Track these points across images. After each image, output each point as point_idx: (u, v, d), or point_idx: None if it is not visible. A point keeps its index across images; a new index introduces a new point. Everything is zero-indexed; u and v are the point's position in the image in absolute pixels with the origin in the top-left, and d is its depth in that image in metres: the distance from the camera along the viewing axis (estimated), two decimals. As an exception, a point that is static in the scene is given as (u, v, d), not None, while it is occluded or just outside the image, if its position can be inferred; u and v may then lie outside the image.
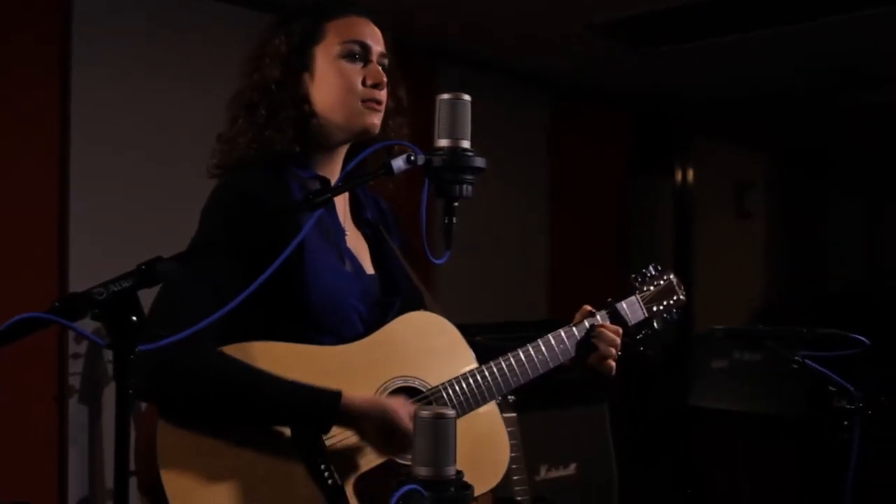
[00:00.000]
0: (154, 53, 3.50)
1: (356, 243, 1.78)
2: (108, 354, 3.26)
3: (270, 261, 1.25)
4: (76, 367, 3.15)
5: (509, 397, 3.11)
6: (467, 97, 1.47)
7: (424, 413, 1.25)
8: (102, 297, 1.11)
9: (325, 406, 1.53)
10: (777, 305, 5.99)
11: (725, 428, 4.22)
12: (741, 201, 6.18)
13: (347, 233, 1.77)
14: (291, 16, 1.77)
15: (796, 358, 1.75)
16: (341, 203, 1.79)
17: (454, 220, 1.48)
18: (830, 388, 1.89)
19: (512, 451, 3.03)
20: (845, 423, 1.86)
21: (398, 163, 1.41)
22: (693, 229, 5.92)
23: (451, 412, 1.25)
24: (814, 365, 1.80)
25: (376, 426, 1.56)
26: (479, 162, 1.46)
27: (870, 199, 5.94)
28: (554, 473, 3.78)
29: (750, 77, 5.18)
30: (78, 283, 3.27)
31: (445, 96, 1.46)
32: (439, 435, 1.24)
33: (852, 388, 1.80)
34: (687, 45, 4.45)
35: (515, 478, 2.93)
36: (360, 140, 1.75)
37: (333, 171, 1.76)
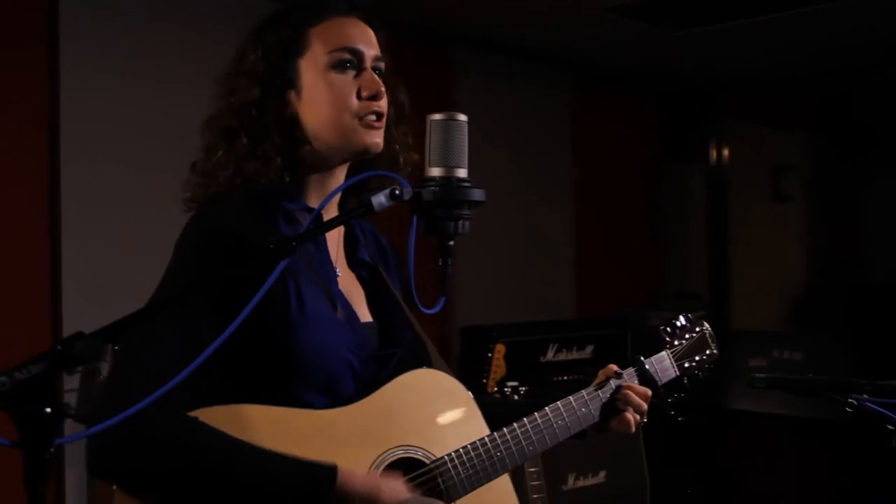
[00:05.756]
0: (147, 50, 3.33)
1: (350, 287, 1.54)
2: (105, 370, 3.15)
3: (255, 310, 1.05)
4: (72, 383, 2.98)
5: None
6: (463, 117, 1.24)
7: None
8: (5, 388, 0.91)
9: (318, 486, 1.29)
10: (816, 294, 5.75)
11: (765, 432, 4.02)
12: (778, 184, 5.97)
13: (340, 274, 1.52)
14: (269, 24, 1.51)
15: (850, 400, 1.52)
16: (334, 240, 1.54)
17: (450, 262, 1.25)
18: (888, 426, 1.66)
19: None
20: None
21: (379, 199, 1.18)
22: (728, 214, 5.65)
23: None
24: (872, 405, 1.57)
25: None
26: (478, 195, 1.23)
27: (916, 181, 5.67)
28: (582, 482, 3.64)
29: (786, 54, 4.92)
30: (71, 295, 3.13)
31: (437, 117, 1.23)
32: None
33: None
34: (718, 26, 4.19)
35: (535, 496, 2.76)
36: (361, 160, 1.51)
37: (330, 200, 1.51)
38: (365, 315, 1.53)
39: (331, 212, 1.54)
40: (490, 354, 3.58)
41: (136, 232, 3.19)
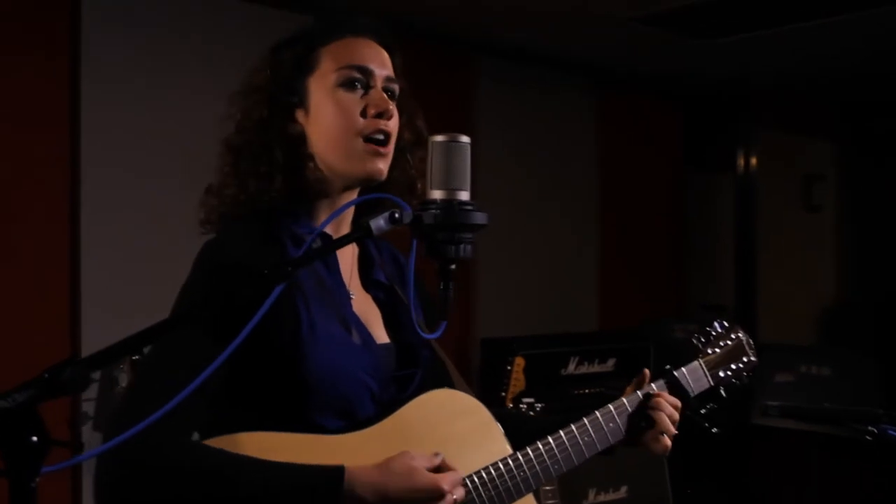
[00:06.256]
0: (170, 61, 3.34)
1: (365, 308, 1.51)
2: (123, 380, 3.16)
3: (260, 336, 1.06)
4: (90, 392, 3.00)
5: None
6: (465, 139, 1.22)
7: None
8: (-12, 416, 0.89)
9: (325, 486, 1.27)
10: (846, 308, 5.64)
11: (791, 447, 3.94)
12: (809, 194, 5.88)
13: (354, 296, 1.50)
14: (283, 44, 1.51)
15: (870, 428, 1.47)
16: (347, 262, 1.52)
17: (451, 286, 1.23)
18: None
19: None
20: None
21: (378, 222, 1.16)
22: (757, 224, 5.55)
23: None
24: (893, 433, 1.51)
25: (394, 495, 1.30)
26: (480, 218, 1.20)
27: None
28: (603, 497, 3.60)
29: (816, 61, 4.84)
30: (90, 303, 3.14)
31: (439, 138, 1.21)
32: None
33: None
34: (745, 35, 4.14)
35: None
36: (367, 186, 1.49)
37: (340, 221, 1.50)
38: (382, 336, 1.51)
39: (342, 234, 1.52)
40: (509, 367, 3.54)
41: (156, 241, 3.21)
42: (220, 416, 1.32)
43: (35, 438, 0.93)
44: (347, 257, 1.53)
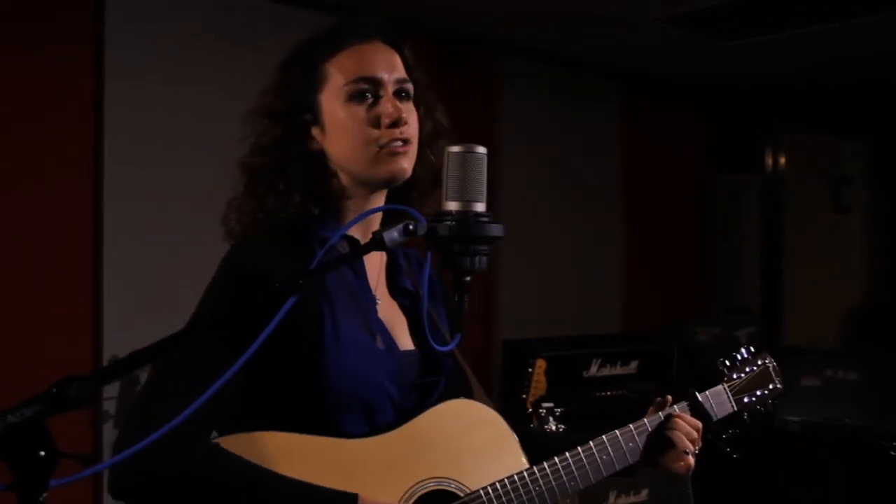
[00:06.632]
0: (192, 55, 3.34)
1: (391, 314, 1.50)
2: (143, 378, 3.17)
3: (279, 342, 1.06)
4: (111, 391, 3.02)
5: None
6: (482, 149, 1.20)
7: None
8: (-5, 431, 0.89)
9: None
10: (874, 312, 5.54)
11: (816, 452, 3.88)
12: (838, 195, 5.77)
13: (380, 301, 1.49)
14: (289, 60, 1.50)
15: (894, 444, 1.43)
16: (375, 268, 1.52)
17: (466, 298, 1.21)
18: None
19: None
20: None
21: (391, 234, 1.15)
22: (784, 226, 5.48)
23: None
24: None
25: None
26: (496, 230, 1.19)
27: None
28: (624, 500, 3.56)
29: (844, 61, 4.76)
30: (113, 304, 3.15)
31: (455, 149, 1.20)
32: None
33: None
34: (772, 36, 4.08)
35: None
36: (395, 185, 1.49)
37: (368, 224, 1.49)
38: (406, 343, 1.50)
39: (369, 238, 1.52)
40: (530, 370, 3.52)
41: (179, 241, 3.21)
42: (240, 417, 1.32)
43: (43, 453, 0.93)
44: (375, 263, 1.52)
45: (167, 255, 3.23)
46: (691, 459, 1.54)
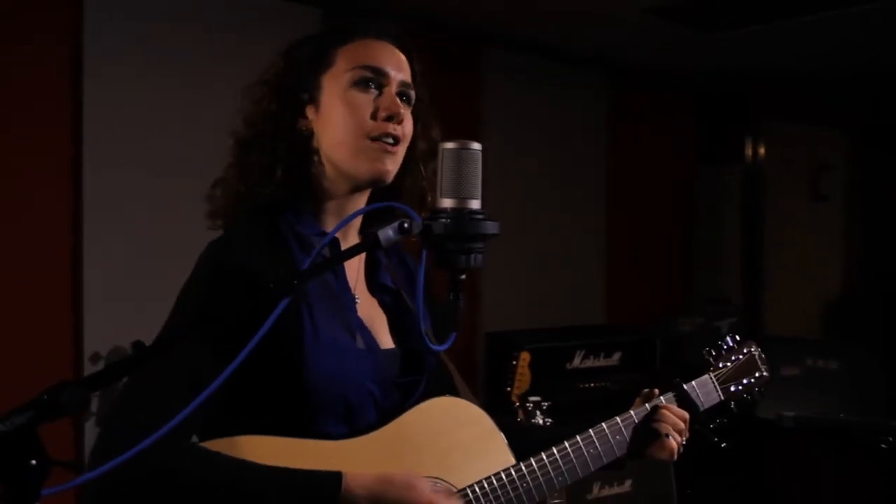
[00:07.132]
0: (172, 53, 3.29)
1: (371, 313, 1.49)
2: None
3: (261, 345, 1.01)
4: (93, 388, 2.97)
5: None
6: (477, 146, 1.18)
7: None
8: (-15, 440, 0.87)
9: (323, 491, 1.25)
10: (853, 302, 5.59)
11: (808, 446, 3.90)
12: (817, 183, 5.83)
13: (359, 300, 1.47)
14: (299, 43, 1.49)
15: (890, 439, 1.44)
16: (354, 265, 1.49)
17: (461, 296, 1.20)
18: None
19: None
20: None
21: (387, 233, 1.13)
22: (764, 213, 5.51)
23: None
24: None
25: None
26: (491, 228, 1.18)
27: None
28: (607, 491, 3.58)
29: (826, 54, 4.79)
30: (92, 302, 3.11)
31: (449, 145, 1.18)
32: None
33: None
34: (755, 27, 4.09)
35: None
36: (375, 188, 1.47)
37: (347, 226, 1.47)
38: (387, 342, 1.48)
39: (350, 240, 1.50)
40: (514, 363, 3.51)
41: (160, 237, 3.17)
42: (221, 421, 1.30)
43: (34, 462, 0.91)
44: (354, 260, 1.50)
45: (147, 252, 3.18)
46: (674, 445, 1.55)
